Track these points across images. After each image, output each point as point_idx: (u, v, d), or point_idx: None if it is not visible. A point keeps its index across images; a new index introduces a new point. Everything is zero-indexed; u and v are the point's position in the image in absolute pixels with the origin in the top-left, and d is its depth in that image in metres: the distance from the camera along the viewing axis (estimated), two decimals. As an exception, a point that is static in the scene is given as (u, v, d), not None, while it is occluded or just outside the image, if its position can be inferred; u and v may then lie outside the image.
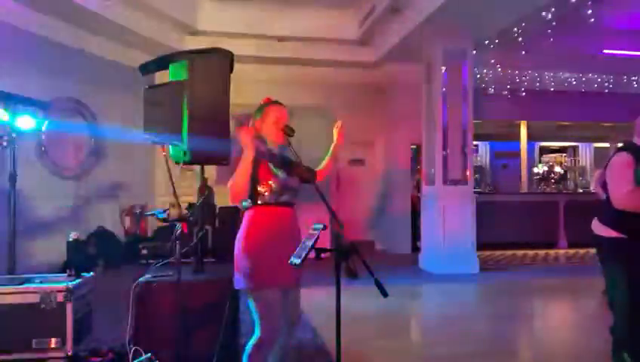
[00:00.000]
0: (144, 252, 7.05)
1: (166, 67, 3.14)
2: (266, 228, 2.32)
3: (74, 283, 3.29)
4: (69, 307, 3.14)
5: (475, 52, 7.40)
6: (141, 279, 2.97)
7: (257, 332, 2.30)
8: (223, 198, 4.50)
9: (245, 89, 6.15)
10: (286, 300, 2.36)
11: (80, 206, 6.88)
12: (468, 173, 7.11)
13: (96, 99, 7.06)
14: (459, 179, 7.09)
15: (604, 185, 2.74)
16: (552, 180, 13.28)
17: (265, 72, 8.40)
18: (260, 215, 2.34)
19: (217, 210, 7.12)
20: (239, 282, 2.34)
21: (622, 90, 10.32)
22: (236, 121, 2.49)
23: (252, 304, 2.31)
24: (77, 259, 6.15)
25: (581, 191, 11.97)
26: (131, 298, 2.99)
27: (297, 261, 1.88)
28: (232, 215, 6.46)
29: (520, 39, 7.34)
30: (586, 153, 14.24)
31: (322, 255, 1.96)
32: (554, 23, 6.75)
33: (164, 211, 2.82)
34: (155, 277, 2.97)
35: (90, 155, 7.20)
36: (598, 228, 2.75)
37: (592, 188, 8.50)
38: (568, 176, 13.50)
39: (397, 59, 8.25)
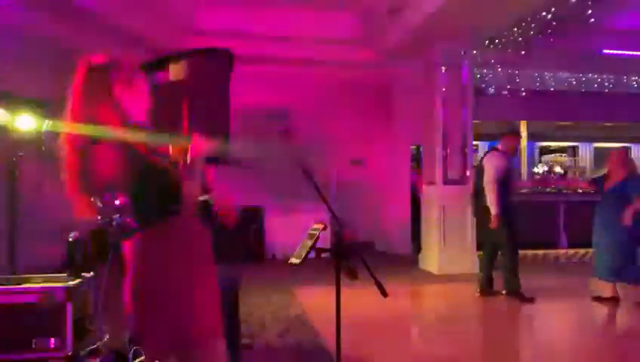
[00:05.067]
0: (144, 252, 7.03)
1: (166, 67, 3.14)
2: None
3: (74, 283, 3.29)
4: (69, 307, 3.15)
5: (475, 52, 7.38)
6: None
7: None
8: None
9: (246, 89, 6.16)
10: None
11: (80, 206, 6.87)
12: (468, 173, 7.11)
13: (96, 99, 7.04)
14: (459, 179, 7.09)
15: None
16: (552, 180, 13.25)
17: (265, 72, 8.39)
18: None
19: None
20: None
21: (622, 90, 10.31)
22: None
23: None
24: (77, 259, 6.14)
25: (581, 191, 11.94)
26: (131, 298, 2.98)
27: (297, 261, 1.89)
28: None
29: (520, 39, 7.34)
30: (586, 153, 14.20)
31: (322, 255, 1.97)
32: (554, 23, 6.75)
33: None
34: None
35: (90, 155, 7.19)
36: None
37: None
38: (568, 176, 13.45)
39: (397, 59, 8.25)
